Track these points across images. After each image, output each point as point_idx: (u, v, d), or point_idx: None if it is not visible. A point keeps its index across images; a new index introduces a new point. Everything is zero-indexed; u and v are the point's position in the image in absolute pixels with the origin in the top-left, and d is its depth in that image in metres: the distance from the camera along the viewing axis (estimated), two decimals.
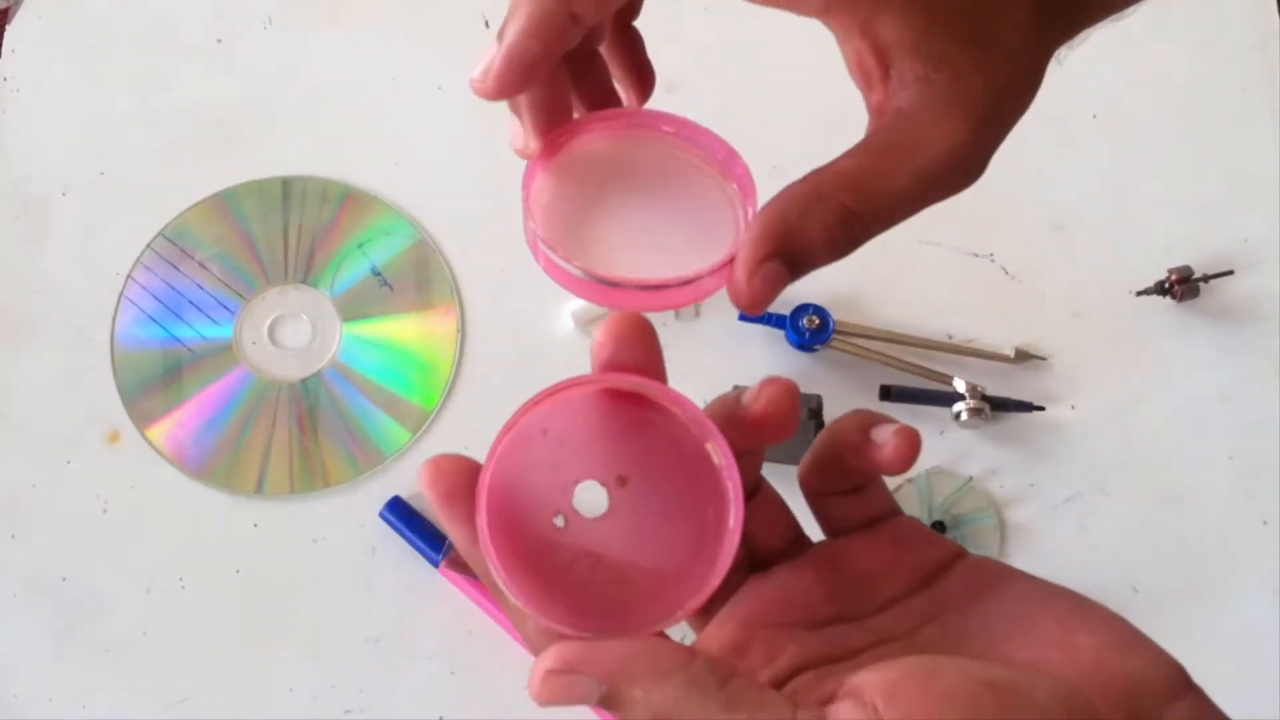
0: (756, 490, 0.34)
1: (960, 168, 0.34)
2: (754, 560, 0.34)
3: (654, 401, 0.32)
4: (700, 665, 0.27)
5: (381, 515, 0.69)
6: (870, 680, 0.27)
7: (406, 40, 0.80)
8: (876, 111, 0.34)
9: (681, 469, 0.31)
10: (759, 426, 0.32)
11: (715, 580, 0.30)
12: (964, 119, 0.33)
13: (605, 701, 0.27)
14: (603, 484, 0.31)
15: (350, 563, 0.69)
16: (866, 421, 0.33)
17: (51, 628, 0.68)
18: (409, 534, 0.68)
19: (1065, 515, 0.70)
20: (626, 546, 0.30)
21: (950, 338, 0.72)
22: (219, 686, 0.67)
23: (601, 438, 0.31)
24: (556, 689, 0.27)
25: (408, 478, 0.70)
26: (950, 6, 0.33)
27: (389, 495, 0.69)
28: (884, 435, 0.32)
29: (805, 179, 0.33)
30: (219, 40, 0.80)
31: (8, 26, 0.80)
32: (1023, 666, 0.29)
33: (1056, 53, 0.35)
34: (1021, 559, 0.69)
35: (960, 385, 0.70)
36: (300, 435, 0.71)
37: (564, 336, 0.72)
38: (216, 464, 0.71)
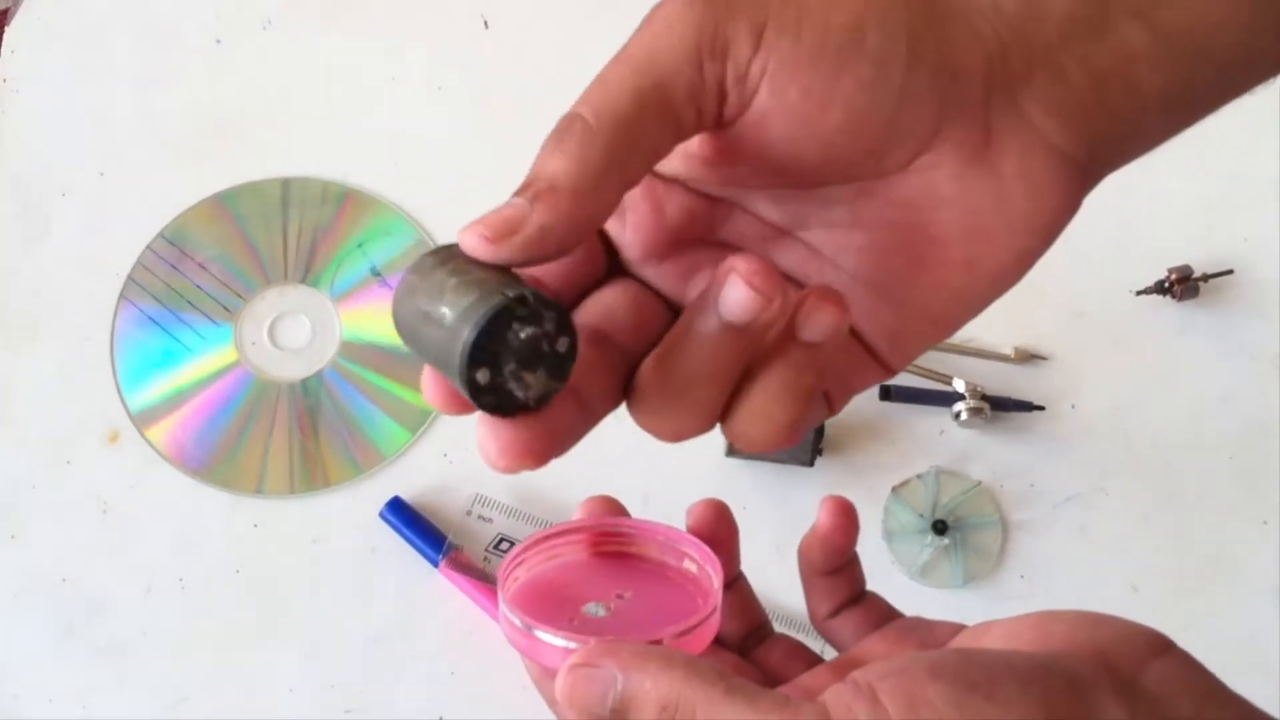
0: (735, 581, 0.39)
1: None
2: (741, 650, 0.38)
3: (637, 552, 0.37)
4: (703, 662, 0.29)
5: (381, 515, 0.69)
6: (866, 668, 0.28)
7: (406, 40, 0.80)
8: None
9: (669, 580, 0.36)
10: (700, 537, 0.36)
11: (713, 602, 0.34)
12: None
13: (619, 706, 0.29)
14: (604, 602, 0.35)
15: (350, 563, 0.69)
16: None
17: (51, 628, 0.68)
18: (409, 534, 0.68)
19: (1065, 515, 0.70)
20: (628, 630, 0.33)
21: (950, 337, 0.72)
22: (219, 686, 0.67)
23: (597, 576, 0.37)
24: (579, 680, 0.29)
25: (408, 478, 0.70)
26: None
27: (389, 495, 0.69)
28: (819, 515, 0.37)
29: None
30: (219, 40, 0.80)
31: (8, 26, 0.80)
32: None
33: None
34: (1022, 559, 0.69)
35: (960, 385, 0.70)
36: (300, 435, 0.71)
37: None
38: (216, 464, 0.71)
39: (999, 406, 0.70)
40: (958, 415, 0.69)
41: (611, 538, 0.37)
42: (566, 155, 0.30)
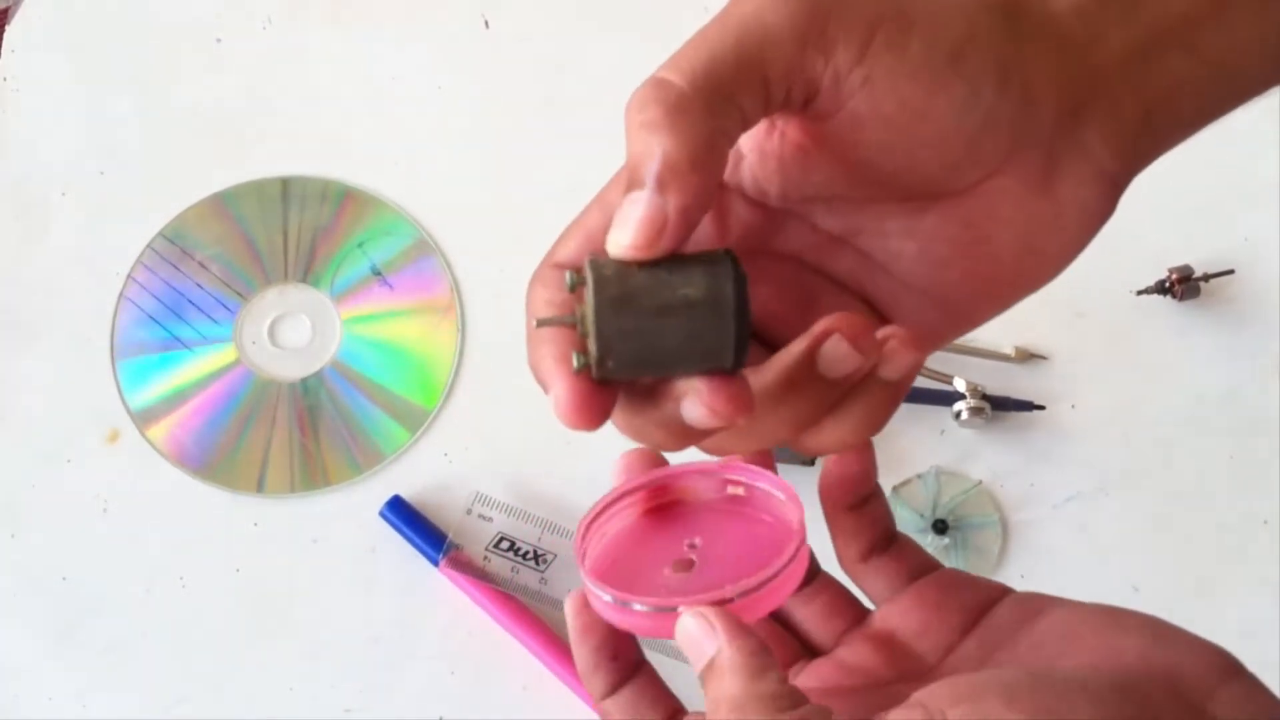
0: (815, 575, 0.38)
1: None
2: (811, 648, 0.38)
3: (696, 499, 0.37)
4: (777, 679, 0.29)
5: (381, 515, 0.69)
6: (933, 690, 0.28)
7: (406, 40, 0.80)
8: None
9: (728, 514, 0.37)
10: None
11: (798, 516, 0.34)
12: None
13: (707, 670, 0.30)
14: (680, 559, 0.35)
15: (350, 563, 0.69)
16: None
17: (51, 628, 0.68)
18: (409, 534, 0.68)
19: (1065, 515, 0.70)
20: (718, 576, 0.34)
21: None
22: (219, 686, 0.67)
23: (661, 534, 0.36)
24: (697, 628, 0.30)
25: (408, 478, 0.70)
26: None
27: (389, 495, 0.69)
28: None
29: None
30: (219, 40, 0.80)
31: (8, 26, 0.80)
32: None
33: None
34: (1022, 559, 0.69)
35: (960, 384, 0.70)
36: (300, 435, 0.71)
37: None
38: (216, 464, 0.71)
39: (999, 406, 0.70)
40: (958, 415, 0.69)
41: (659, 491, 0.37)
42: (668, 130, 0.29)
